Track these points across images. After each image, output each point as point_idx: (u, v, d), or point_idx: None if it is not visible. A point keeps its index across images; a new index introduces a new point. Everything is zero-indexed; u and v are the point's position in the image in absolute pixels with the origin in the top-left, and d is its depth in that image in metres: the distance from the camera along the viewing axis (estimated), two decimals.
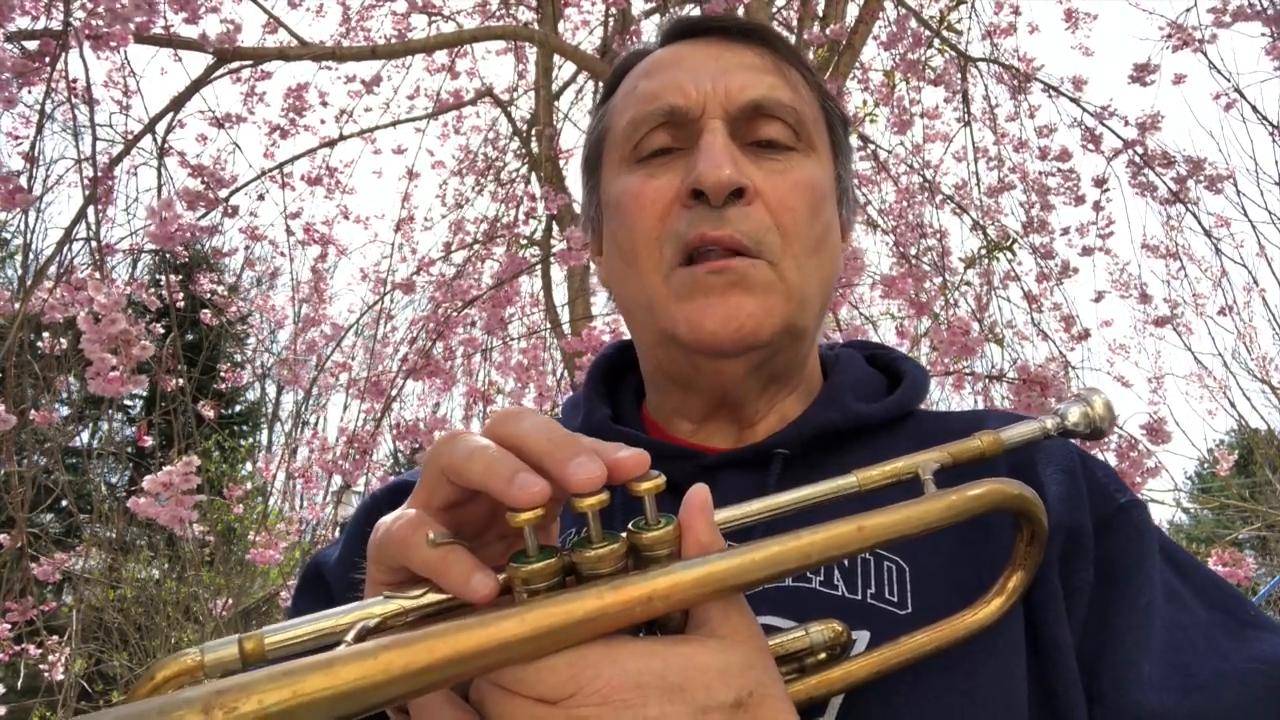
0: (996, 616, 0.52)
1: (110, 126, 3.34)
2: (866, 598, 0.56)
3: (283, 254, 4.53)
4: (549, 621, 0.38)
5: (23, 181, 2.17)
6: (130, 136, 3.06)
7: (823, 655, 0.50)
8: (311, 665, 0.35)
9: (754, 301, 0.61)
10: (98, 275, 2.16)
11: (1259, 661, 0.54)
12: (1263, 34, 3.12)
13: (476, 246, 4.52)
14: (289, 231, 4.13)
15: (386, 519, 0.43)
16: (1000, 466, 0.60)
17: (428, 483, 0.43)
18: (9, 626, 3.59)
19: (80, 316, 2.02)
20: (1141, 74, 3.31)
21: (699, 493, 0.44)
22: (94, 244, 2.25)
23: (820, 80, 0.72)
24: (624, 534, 0.42)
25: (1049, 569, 0.56)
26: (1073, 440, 0.61)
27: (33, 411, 3.22)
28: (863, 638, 0.54)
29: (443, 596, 0.41)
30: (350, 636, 0.39)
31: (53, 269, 2.96)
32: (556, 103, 4.35)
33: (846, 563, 0.58)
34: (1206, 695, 0.53)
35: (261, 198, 4.12)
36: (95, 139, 2.19)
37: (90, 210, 2.27)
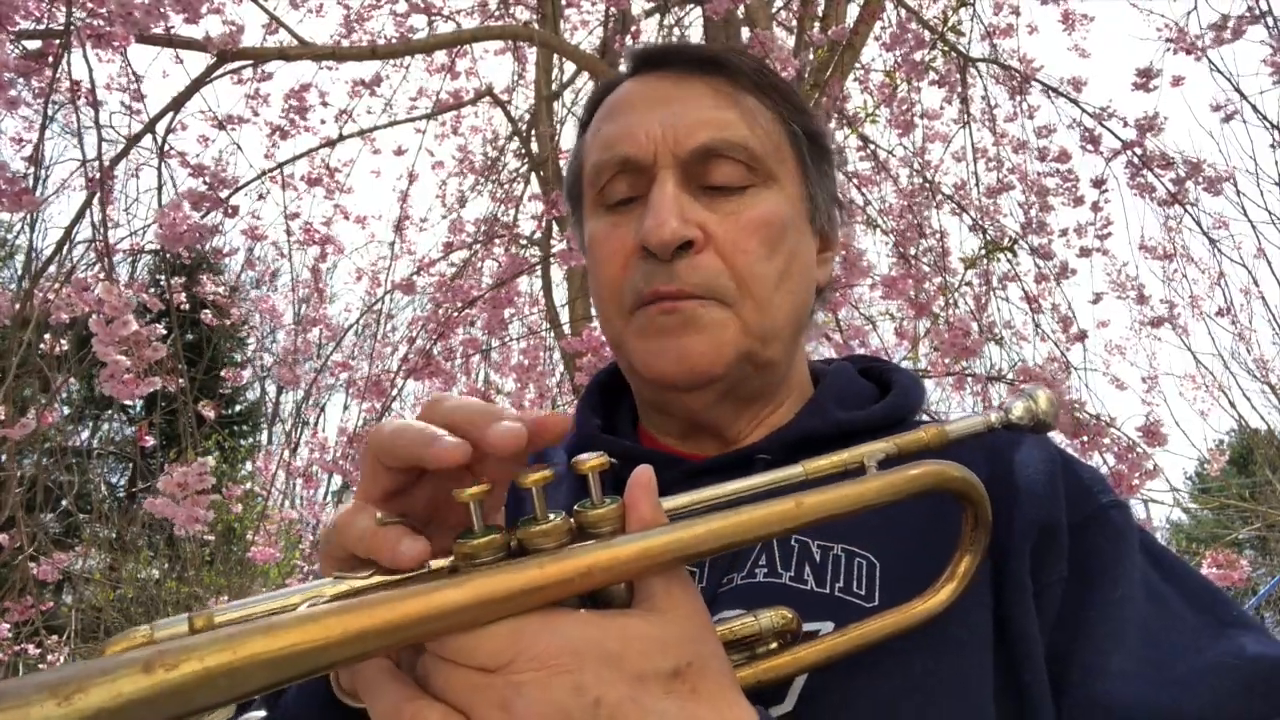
0: (950, 601, 0.53)
1: (111, 127, 3.34)
2: (834, 591, 0.58)
3: (282, 254, 4.54)
4: (488, 590, 0.39)
5: (27, 184, 2.17)
6: (131, 137, 3.06)
7: (774, 644, 0.51)
8: (253, 629, 0.35)
9: (704, 340, 0.63)
10: (103, 277, 2.16)
11: (1235, 657, 0.54)
12: (1264, 41, 3.12)
13: (476, 247, 4.53)
14: (288, 232, 4.14)
15: (334, 513, 0.46)
16: (979, 464, 0.61)
17: (366, 473, 0.46)
18: (8, 626, 3.59)
19: (93, 320, 2.03)
20: (1145, 79, 3.32)
21: (643, 472, 0.45)
22: (100, 245, 2.26)
23: (787, 94, 0.72)
24: (568, 512, 0.43)
25: (1019, 564, 0.57)
26: (1070, 418, 0.61)
27: (33, 411, 3.21)
28: (826, 628, 0.55)
29: (392, 577, 0.42)
30: (301, 610, 0.40)
31: (53, 269, 2.96)
32: (556, 103, 4.36)
33: (818, 557, 0.59)
34: (1180, 690, 0.53)
35: (261, 198, 4.12)
36: (101, 140, 2.19)
37: (96, 211, 2.27)
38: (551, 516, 0.43)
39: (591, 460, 0.44)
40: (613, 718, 0.39)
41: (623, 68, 0.76)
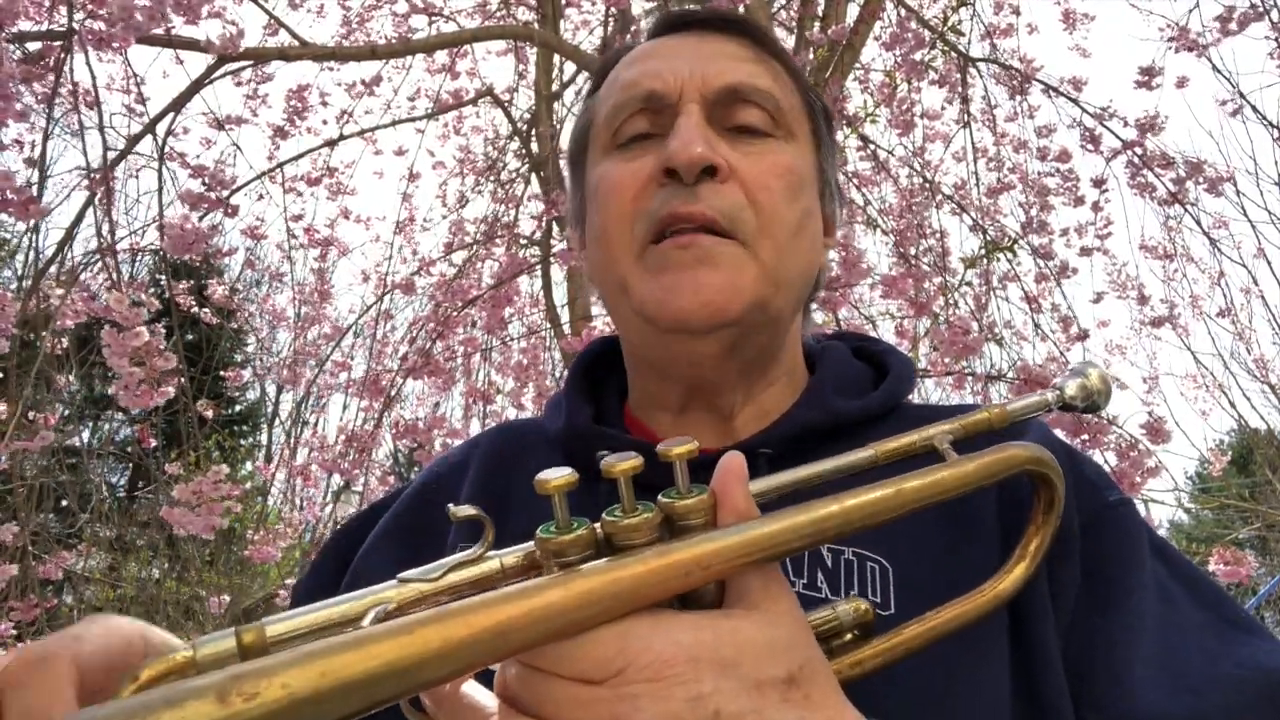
0: (1023, 580, 0.52)
1: (112, 128, 3.34)
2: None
3: (285, 256, 4.55)
4: (593, 588, 0.35)
5: (34, 192, 2.17)
6: (131, 138, 3.06)
7: (848, 636, 0.48)
8: (340, 645, 0.31)
9: (721, 276, 0.60)
10: (110, 286, 2.17)
11: (1251, 668, 0.54)
12: (1267, 37, 3.12)
13: (476, 247, 4.53)
14: (290, 234, 4.14)
15: None
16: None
17: None
18: (12, 625, 3.60)
19: (105, 331, 2.03)
20: (1147, 78, 3.32)
21: (734, 459, 0.42)
22: (105, 246, 2.26)
23: (802, 74, 0.72)
24: (654, 503, 0.40)
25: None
26: (1072, 414, 0.62)
27: (39, 417, 3.22)
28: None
29: (463, 578, 0.39)
30: (368, 620, 0.36)
31: (53, 269, 2.97)
32: (556, 103, 4.35)
33: (830, 562, 0.58)
34: (1197, 699, 0.53)
35: (261, 198, 4.13)
36: (106, 147, 2.20)
37: (98, 216, 2.28)
38: (639, 508, 0.39)
39: (680, 448, 0.40)
40: None
41: (644, 33, 0.74)
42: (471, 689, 0.39)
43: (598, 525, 0.39)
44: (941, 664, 0.53)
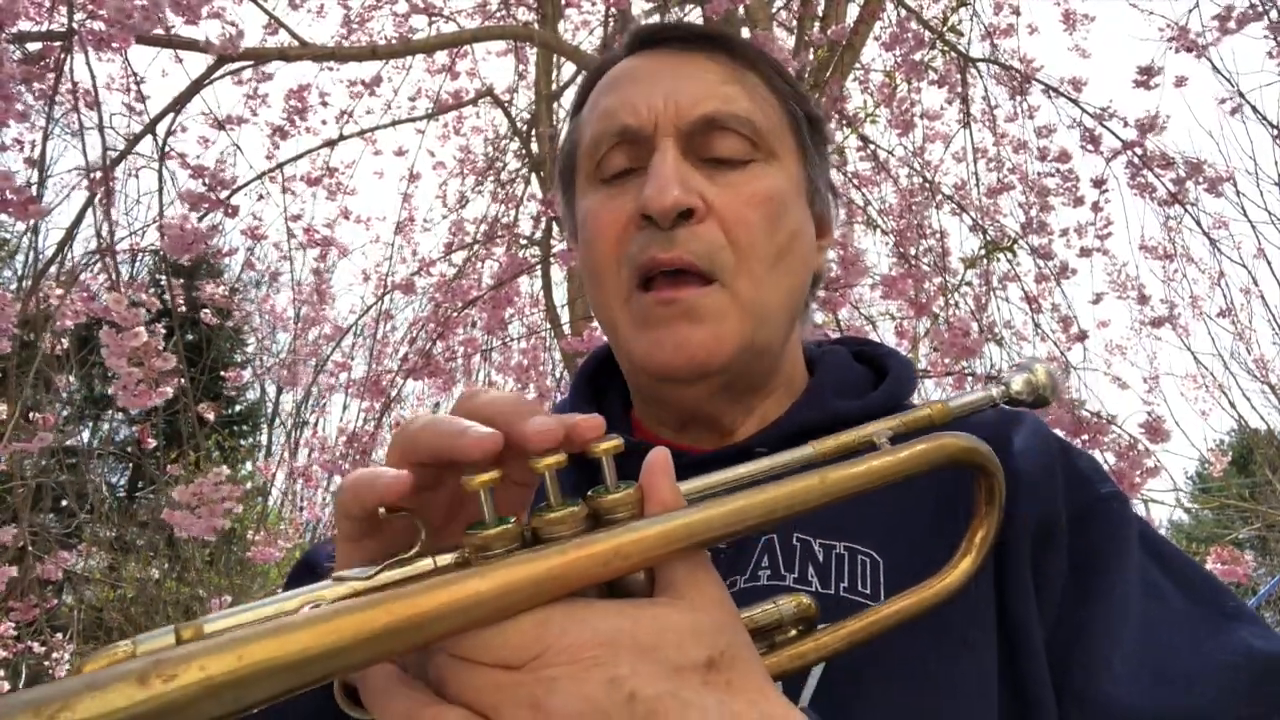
0: (970, 574, 0.52)
1: (112, 128, 3.34)
2: (840, 592, 0.57)
3: (285, 256, 4.55)
4: (511, 578, 0.36)
5: (33, 192, 2.18)
6: (131, 138, 3.06)
7: (792, 631, 0.49)
8: (259, 633, 0.32)
9: (704, 331, 0.61)
10: (109, 286, 2.18)
11: (1243, 654, 0.54)
12: (1266, 36, 3.12)
13: (476, 247, 4.53)
14: (290, 234, 4.14)
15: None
16: None
17: (390, 465, 0.43)
18: (12, 625, 3.60)
19: (104, 331, 2.03)
20: (1146, 78, 3.31)
21: (659, 454, 0.43)
22: (104, 247, 2.26)
23: (785, 78, 0.71)
24: (583, 499, 0.41)
25: (1020, 560, 0.57)
26: (1072, 413, 0.62)
27: (39, 417, 3.22)
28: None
29: (397, 575, 0.39)
30: (299, 614, 0.36)
31: (53, 269, 2.97)
32: (556, 103, 4.35)
33: (820, 556, 0.59)
34: (1181, 692, 0.53)
35: (261, 198, 4.13)
36: (106, 147, 2.20)
37: (98, 216, 2.28)
38: (565, 503, 0.40)
39: (606, 444, 0.41)
40: (651, 713, 0.36)
41: (621, 48, 0.73)
42: (404, 679, 0.40)
43: (525, 522, 0.41)
44: (933, 654, 0.54)
